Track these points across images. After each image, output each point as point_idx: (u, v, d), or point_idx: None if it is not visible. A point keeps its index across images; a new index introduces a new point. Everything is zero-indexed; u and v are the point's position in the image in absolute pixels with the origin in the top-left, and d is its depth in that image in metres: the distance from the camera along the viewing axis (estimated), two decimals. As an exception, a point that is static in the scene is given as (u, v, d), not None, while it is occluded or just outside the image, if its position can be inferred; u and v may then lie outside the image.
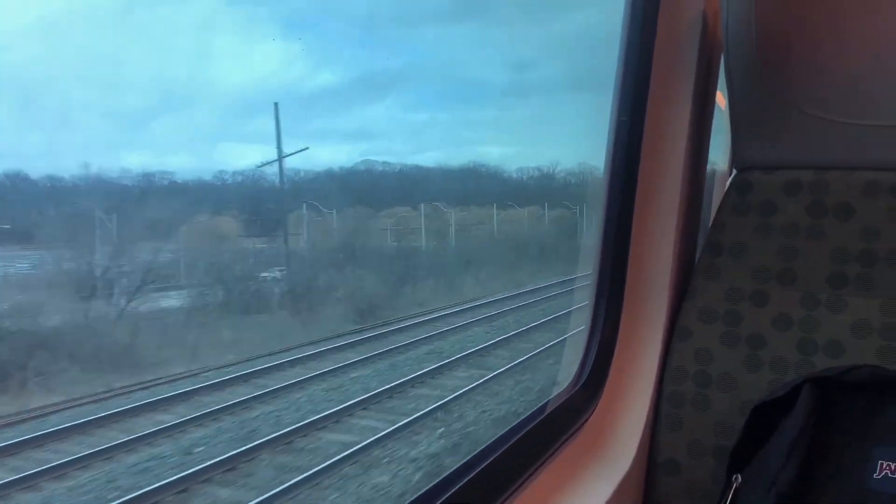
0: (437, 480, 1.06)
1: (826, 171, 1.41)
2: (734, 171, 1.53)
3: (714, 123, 1.69)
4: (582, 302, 1.71)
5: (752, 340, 1.41)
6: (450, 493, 1.05)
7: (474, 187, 22.61)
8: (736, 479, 1.20)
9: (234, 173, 18.71)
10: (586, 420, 1.44)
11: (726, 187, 1.53)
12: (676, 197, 1.53)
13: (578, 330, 1.58)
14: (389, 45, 22.08)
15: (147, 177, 15.49)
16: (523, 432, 1.26)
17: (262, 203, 17.56)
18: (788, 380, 1.27)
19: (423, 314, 14.85)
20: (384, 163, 22.90)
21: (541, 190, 24.39)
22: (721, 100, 1.72)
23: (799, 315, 1.39)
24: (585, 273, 1.63)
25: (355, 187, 20.70)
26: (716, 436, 1.40)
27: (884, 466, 1.09)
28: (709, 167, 1.77)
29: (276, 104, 15.34)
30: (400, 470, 7.11)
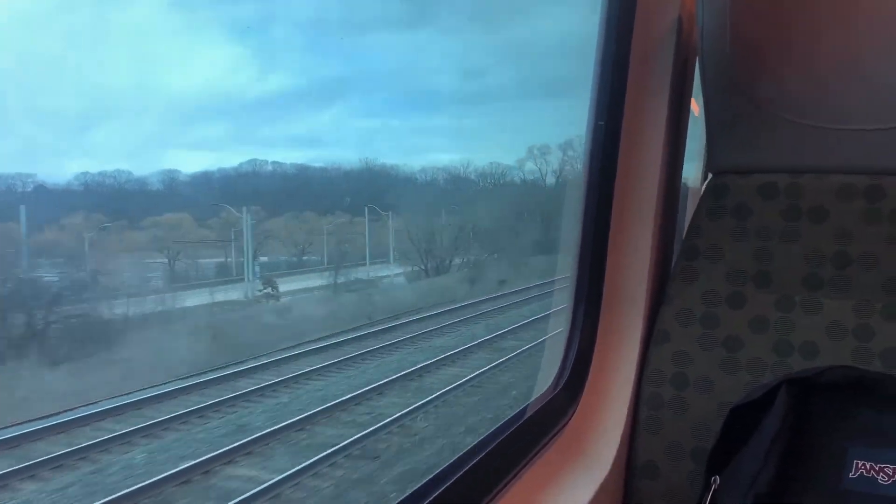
0: (420, 484, 1.05)
1: (800, 174, 1.43)
2: (709, 175, 1.54)
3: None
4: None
5: (729, 343, 1.42)
6: (432, 497, 1.04)
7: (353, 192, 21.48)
8: (714, 480, 1.21)
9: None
10: (566, 423, 1.44)
11: (702, 191, 1.55)
12: (653, 201, 1.54)
13: (557, 332, 1.59)
14: (340, 51, 21.74)
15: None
16: (504, 436, 1.26)
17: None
18: (765, 381, 1.28)
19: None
20: (274, 163, 21.22)
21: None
22: (694, 106, 1.74)
23: (775, 317, 1.41)
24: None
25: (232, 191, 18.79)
26: (694, 438, 1.41)
27: (859, 466, 1.11)
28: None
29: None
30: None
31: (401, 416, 8.50)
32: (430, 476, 1.08)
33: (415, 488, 1.05)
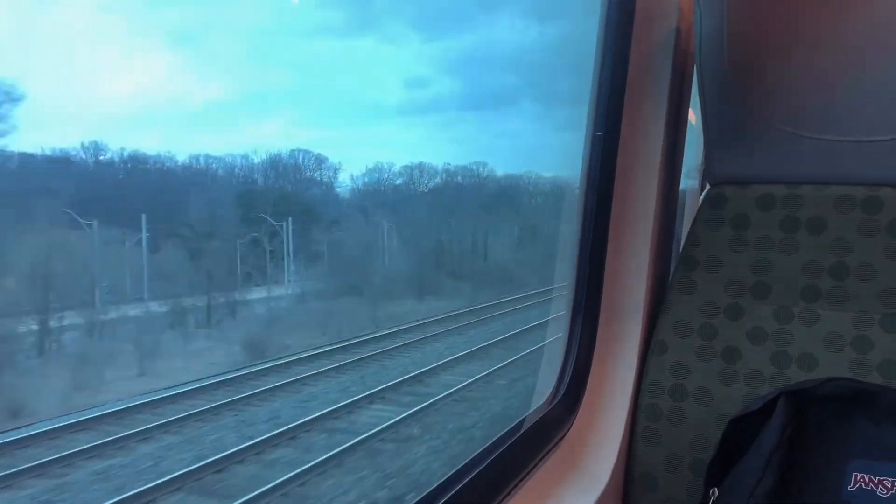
0: (417, 499, 1.05)
1: (799, 185, 1.44)
2: (707, 186, 1.54)
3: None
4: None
5: (727, 354, 1.42)
6: None
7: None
8: (713, 492, 1.21)
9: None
10: (564, 435, 1.43)
11: (700, 202, 1.55)
12: (651, 212, 1.54)
13: (555, 338, 1.58)
14: (281, 59, 20.78)
15: None
16: (502, 449, 1.26)
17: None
18: (763, 393, 1.28)
19: None
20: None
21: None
22: (691, 116, 1.74)
23: (773, 328, 1.40)
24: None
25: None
26: (693, 449, 1.40)
27: (858, 478, 1.11)
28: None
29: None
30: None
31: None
32: (428, 491, 1.07)
33: (414, 502, 1.04)
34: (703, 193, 1.55)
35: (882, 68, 1.35)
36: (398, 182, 22.15)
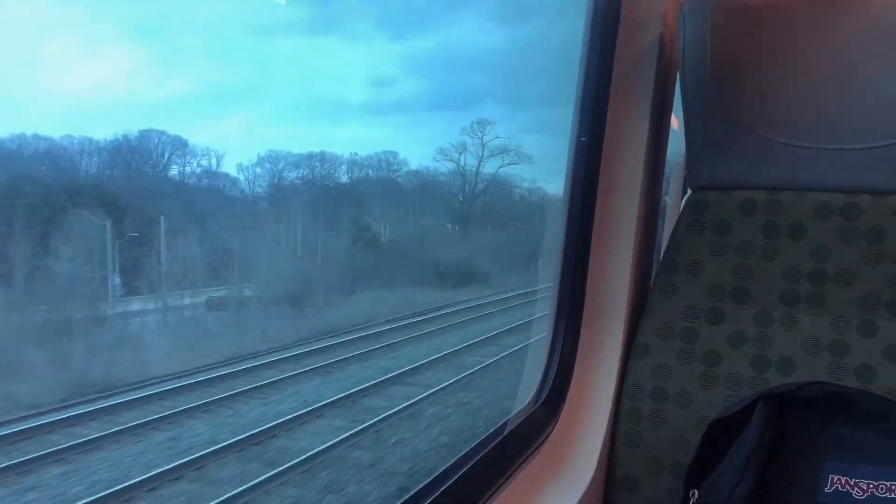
0: (401, 501, 1.05)
1: (779, 192, 1.45)
2: (689, 191, 1.56)
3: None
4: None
5: (708, 357, 1.44)
6: None
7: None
8: (693, 494, 1.22)
9: None
10: (546, 438, 1.44)
11: (681, 207, 1.56)
12: (634, 216, 1.55)
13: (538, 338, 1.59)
14: (243, 56, 20.03)
15: None
16: (484, 452, 1.26)
17: None
18: (743, 396, 1.30)
19: None
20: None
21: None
22: (674, 122, 1.76)
23: (752, 332, 1.42)
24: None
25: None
26: (673, 451, 1.42)
27: (834, 480, 1.12)
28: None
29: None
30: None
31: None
32: (410, 493, 1.08)
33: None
34: (685, 199, 1.57)
35: (861, 77, 1.37)
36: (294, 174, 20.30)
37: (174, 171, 17.74)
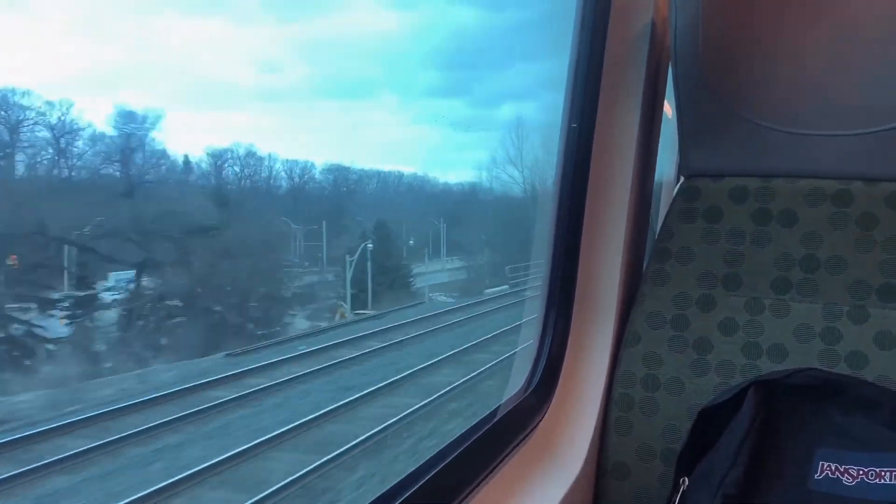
0: (388, 487, 1.04)
1: (771, 178, 1.45)
2: (681, 178, 1.55)
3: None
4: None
5: (699, 345, 1.43)
6: (401, 500, 1.03)
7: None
8: (683, 481, 1.22)
9: None
10: (536, 425, 1.44)
11: (674, 194, 1.56)
12: (625, 204, 1.55)
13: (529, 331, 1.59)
14: (116, 36, 17.34)
15: None
16: (473, 439, 1.26)
17: None
18: (734, 383, 1.30)
19: None
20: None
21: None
22: (667, 108, 1.75)
23: (744, 319, 1.42)
24: None
25: None
26: (664, 439, 1.41)
27: (824, 467, 1.12)
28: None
29: None
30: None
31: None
32: (399, 479, 1.07)
33: (382, 491, 1.04)
34: (677, 186, 1.56)
35: (853, 64, 1.37)
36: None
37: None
